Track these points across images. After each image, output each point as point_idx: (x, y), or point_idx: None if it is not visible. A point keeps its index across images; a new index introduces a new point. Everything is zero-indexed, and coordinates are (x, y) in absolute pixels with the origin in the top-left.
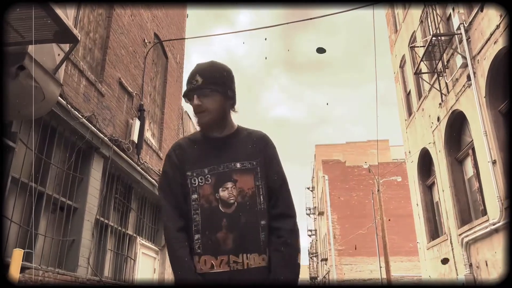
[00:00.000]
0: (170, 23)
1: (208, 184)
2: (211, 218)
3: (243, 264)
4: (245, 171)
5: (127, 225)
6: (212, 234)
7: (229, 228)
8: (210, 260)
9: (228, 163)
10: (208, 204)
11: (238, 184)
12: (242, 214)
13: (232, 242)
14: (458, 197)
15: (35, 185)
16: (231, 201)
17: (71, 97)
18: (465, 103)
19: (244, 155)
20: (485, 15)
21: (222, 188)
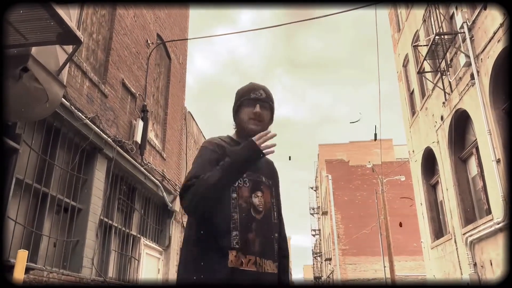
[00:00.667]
0: (173, 24)
1: (246, 188)
2: (246, 219)
3: (263, 267)
4: (266, 186)
5: (131, 225)
6: (245, 234)
7: (257, 232)
8: (241, 258)
9: (258, 174)
10: (245, 206)
11: (263, 195)
12: (265, 223)
13: (258, 245)
14: (462, 196)
15: (39, 186)
16: (260, 208)
17: (75, 98)
18: (468, 102)
19: (265, 172)
20: (489, 13)
21: (254, 195)
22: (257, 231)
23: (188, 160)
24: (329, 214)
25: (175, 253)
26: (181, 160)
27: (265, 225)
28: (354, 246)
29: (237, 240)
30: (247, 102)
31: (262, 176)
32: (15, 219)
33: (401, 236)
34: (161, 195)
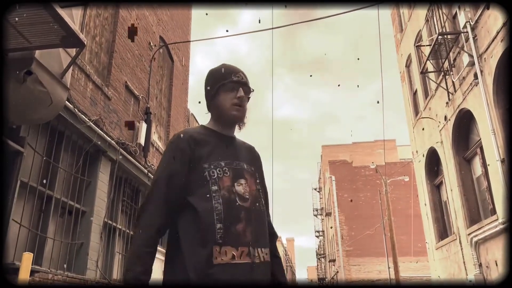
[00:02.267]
0: (176, 26)
1: (227, 177)
2: (231, 210)
3: (259, 257)
4: (250, 173)
5: None
6: (233, 225)
7: (247, 221)
8: (231, 251)
9: (238, 161)
10: (228, 195)
11: (248, 182)
12: (255, 210)
13: (250, 235)
14: (466, 197)
15: (43, 189)
16: (246, 196)
17: (78, 101)
18: (472, 101)
19: (246, 159)
20: (492, 13)
21: (237, 183)
22: (247, 220)
23: None
24: (333, 215)
25: None
26: None
27: (254, 212)
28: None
29: (221, 233)
30: (229, 85)
31: (243, 163)
32: (19, 221)
33: (406, 237)
34: None
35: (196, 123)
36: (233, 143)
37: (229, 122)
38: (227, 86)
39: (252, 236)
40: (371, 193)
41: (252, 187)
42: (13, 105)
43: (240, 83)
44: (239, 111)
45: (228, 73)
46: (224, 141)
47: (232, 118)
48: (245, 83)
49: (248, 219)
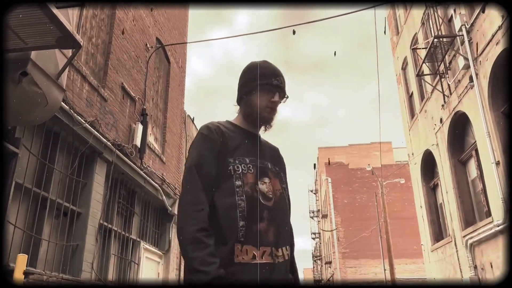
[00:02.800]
0: (172, 28)
1: (251, 174)
2: (254, 208)
3: (283, 256)
4: (274, 173)
5: (131, 229)
6: (255, 223)
7: (270, 220)
8: (252, 251)
9: (263, 160)
10: (252, 192)
11: (271, 182)
12: (278, 209)
13: (272, 235)
14: (462, 199)
15: (38, 191)
16: (270, 195)
17: (74, 102)
18: (467, 104)
19: (270, 159)
20: (487, 16)
21: (261, 182)
22: (269, 220)
23: None
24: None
25: (175, 257)
26: (180, 163)
27: (277, 211)
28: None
29: (243, 231)
30: (267, 87)
31: (267, 162)
32: (14, 223)
33: (401, 239)
34: (161, 199)
35: (192, 124)
36: (257, 141)
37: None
38: (265, 87)
39: (275, 236)
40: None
41: (276, 186)
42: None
43: (278, 87)
44: (270, 113)
45: (269, 75)
46: (250, 139)
47: (262, 119)
48: (282, 88)
49: (271, 219)
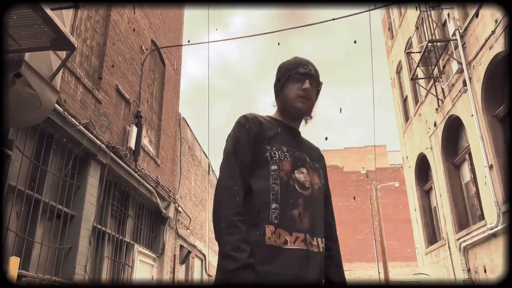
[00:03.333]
0: (167, 30)
1: (288, 161)
2: (289, 193)
3: (318, 246)
4: (312, 168)
5: (125, 232)
6: (289, 208)
7: (306, 208)
8: (284, 235)
9: (302, 152)
10: (287, 178)
11: (309, 174)
12: (314, 200)
13: (308, 222)
14: (455, 202)
15: (31, 193)
16: (307, 184)
17: (68, 104)
18: (461, 108)
19: (309, 155)
20: (480, 21)
21: (298, 171)
22: (305, 207)
23: (182, 166)
24: None
25: (169, 260)
26: (175, 166)
27: (313, 201)
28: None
29: (276, 214)
30: (295, 77)
31: (305, 155)
32: (6, 226)
33: (395, 242)
34: (155, 202)
35: (187, 127)
36: (297, 135)
37: (293, 114)
38: (294, 77)
39: (310, 224)
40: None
41: (314, 179)
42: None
43: (307, 75)
44: (304, 103)
45: (296, 65)
46: (288, 131)
47: (296, 110)
48: (312, 75)
49: (306, 207)
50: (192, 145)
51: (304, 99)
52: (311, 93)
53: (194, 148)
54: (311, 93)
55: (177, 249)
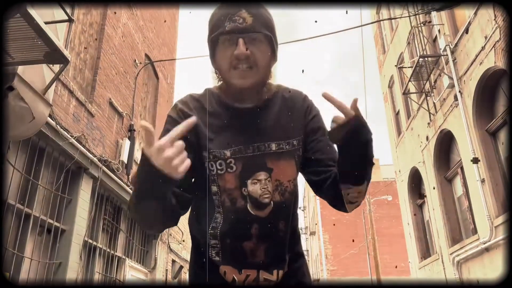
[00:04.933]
0: (161, 44)
1: (232, 173)
2: (236, 223)
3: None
4: (282, 155)
5: (116, 247)
6: (237, 242)
7: (261, 237)
8: (232, 273)
9: (259, 144)
10: (232, 203)
11: (273, 174)
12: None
13: (264, 255)
14: (448, 216)
15: (22, 207)
16: (265, 200)
17: (61, 118)
18: (453, 122)
19: (281, 131)
20: (470, 36)
21: (252, 180)
22: (261, 236)
23: None
24: (317, 235)
25: (161, 274)
26: None
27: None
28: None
29: (217, 250)
30: (223, 39)
31: (270, 143)
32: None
33: (389, 256)
34: None
35: None
36: (254, 116)
37: (235, 94)
38: (222, 39)
39: (267, 256)
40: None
41: (284, 176)
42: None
43: (236, 31)
44: (242, 77)
45: (223, 18)
46: (238, 117)
47: (235, 88)
48: (247, 29)
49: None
50: None
51: (245, 70)
52: (253, 57)
53: None
54: (253, 57)
55: (169, 264)
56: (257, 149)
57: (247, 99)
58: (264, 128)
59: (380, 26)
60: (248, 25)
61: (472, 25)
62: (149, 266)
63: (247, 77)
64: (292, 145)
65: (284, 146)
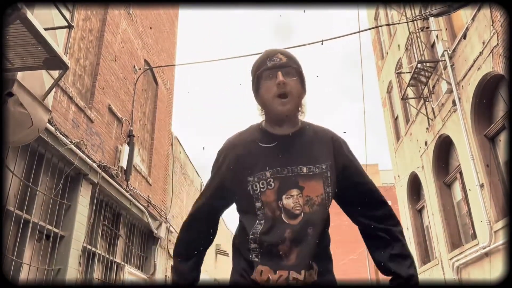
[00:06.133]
0: (161, 50)
1: (271, 190)
2: (274, 229)
3: (304, 281)
4: (312, 177)
5: (115, 253)
6: (273, 246)
7: (293, 241)
8: (267, 273)
9: (293, 167)
10: (272, 213)
11: (304, 191)
12: (309, 226)
13: (296, 257)
14: (447, 221)
15: (20, 213)
16: (296, 211)
17: (60, 123)
18: (451, 127)
19: (311, 157)
20: (468, 42)
21: (286, 195)
22: (293, 240)
23: (174, 185)
24: None
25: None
26: (167, 185)
27: (303, 229)
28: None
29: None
30: (265, 73)
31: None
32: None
33: None
34: (146, 221)
35: (180, 146)
36: (289, 142)
37: (277, 119)
38: (264, 74)
39: (297, 258)
40: None
41: (314, 192)
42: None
43: (277, 67)
44: (283, 104)
45: (263, 59)
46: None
47: (278, 114)
48: (284, 65)
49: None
50: (184, 164)
51: (282, 97)
52: (289, 86)
53: (186, 167)
54: (289, 85)
55: (168, 269)
56: (291, 171)
57: (285, 126)
58: (297, 153)
59: (378, 32)
60: (284, 62)
61: (470, 30)
62: (149, 272)
63: (286, 104)
64: (321, 168)
65: (314, 169)
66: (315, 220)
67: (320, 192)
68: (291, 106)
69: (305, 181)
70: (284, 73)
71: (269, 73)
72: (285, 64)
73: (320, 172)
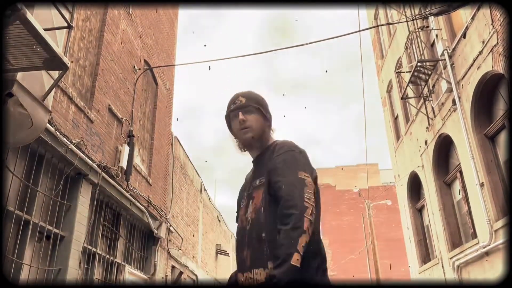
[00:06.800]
0: (160, 50)
1: (243, 206)
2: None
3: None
4: (259, 187)
5: (116, 253)
6: (241, 252)
7: (247, 245)
8: (240, 277)
9: (253, 183)
10: (241, 224)
11: (254, 201)
12: (253, 230)
13: (249, 259)
14: (448, 220)
15: (21, 214)
16: (248, 217)
17: (60, 124)
18: (451, 127)
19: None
20: (468, 41)
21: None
22: (247, 244)
23: (174, 186)
24: None
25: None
26: (167, 185)
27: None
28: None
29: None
30: (232, 115)
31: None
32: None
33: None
34: (147, 221)
35: (179, 146)
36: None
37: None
38: (231, 116)
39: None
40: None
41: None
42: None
43: (237, 108)
44: (246, 132)
45: (229, 104)
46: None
47: (245, 142)
48: (243, 106)
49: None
50: (184, 164)
51: (243, 130)
52: (248, 121)
53: (186, 167)
54: (248, 121)
55: (168, 269)
56: (251, 186)
57: (254, 150)
58: (258, 170)
59: (378, 32)
60: (243, 104)
61: (470, 29)
62: (149, 272)
63: (247, 133)
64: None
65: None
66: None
67: (259, 201)
68: (252, 133)
69: (254, 191)
70: (244, 112)
71: (234, 114)
72: (244, 105)
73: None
